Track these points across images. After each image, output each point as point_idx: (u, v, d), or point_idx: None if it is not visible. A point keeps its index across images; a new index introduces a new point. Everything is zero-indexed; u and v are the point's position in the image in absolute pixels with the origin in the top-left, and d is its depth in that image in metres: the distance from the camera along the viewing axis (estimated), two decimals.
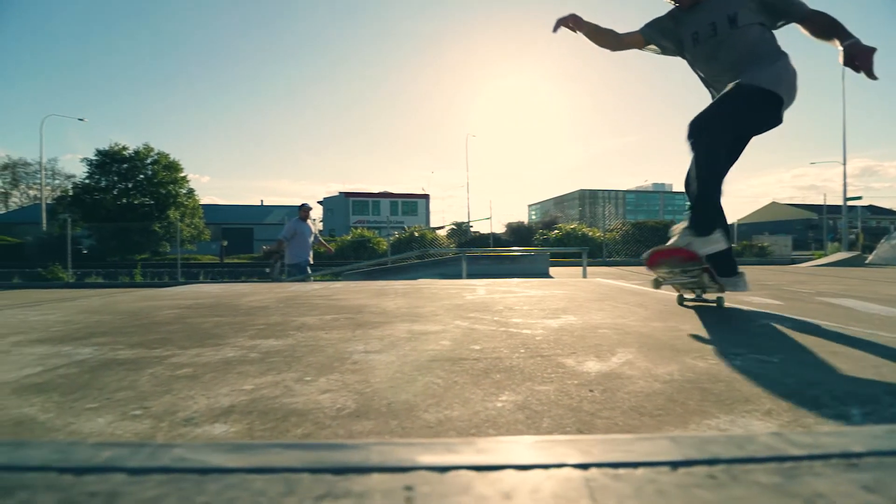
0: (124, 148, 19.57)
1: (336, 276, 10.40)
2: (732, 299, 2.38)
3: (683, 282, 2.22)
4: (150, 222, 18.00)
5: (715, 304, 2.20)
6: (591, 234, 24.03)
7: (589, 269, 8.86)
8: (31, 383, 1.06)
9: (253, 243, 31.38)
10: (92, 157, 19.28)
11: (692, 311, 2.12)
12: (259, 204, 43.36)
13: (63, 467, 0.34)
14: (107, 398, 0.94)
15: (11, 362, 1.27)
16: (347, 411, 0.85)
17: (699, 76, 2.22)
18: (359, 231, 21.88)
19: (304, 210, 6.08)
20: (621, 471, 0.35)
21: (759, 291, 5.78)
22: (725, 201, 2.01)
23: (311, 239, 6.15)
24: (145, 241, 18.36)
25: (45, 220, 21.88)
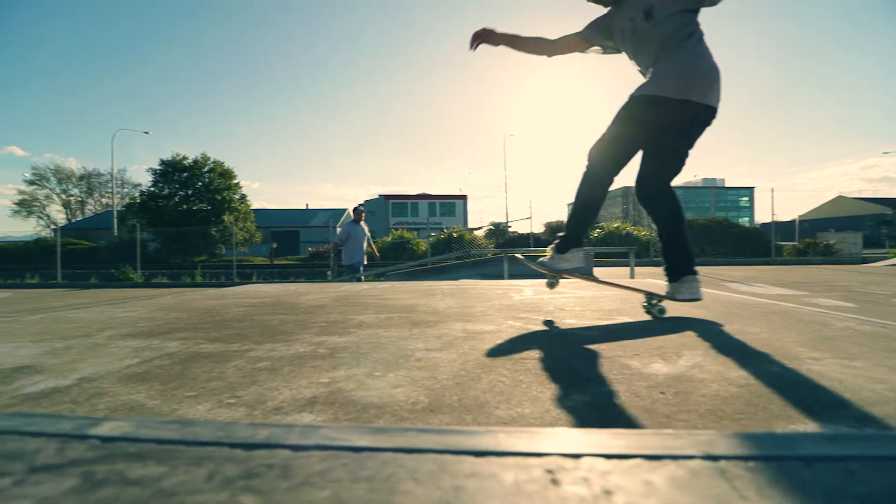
0: (184, 158, 21.13)
1: (379, 277, 10.64)
2: (800, 302, 2.23)
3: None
4: (208, 226, 19.32)
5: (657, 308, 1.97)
6: (635, 232, 23.14)
7: (636, 269, 8.54)
8: (133, 373, 1.18)
9: (299, 245, 32.73)
10: (156, 167, 20.95)
11: (758, 313, 2.01)
12: (304, 207, 45.13)
13: (232, 443, 0.39)
14: (201, 387, 1.04)
15: (111, 354, 1.42)
16: (421, 406, 0.89)
17: (639, 72, 2.07)
18: (398, 233, 22.27)
19: (357, 213, 6.29)
20: (751, 463, 0.35)
21: (827, 293, 5.36)
22: (784, 195, 1.88)
23: (365, 241, 6.35)
24: (203, 244, 19.71)
25: (115, 226, 23.97)
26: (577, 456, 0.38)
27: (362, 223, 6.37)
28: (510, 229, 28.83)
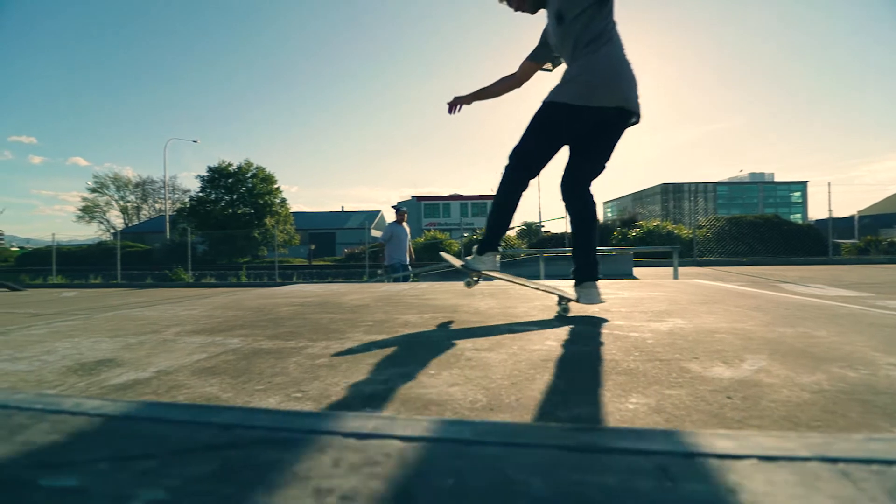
0: (229, 164, 22.28)
1: (413, 278, 10.75)
2: (866, 304, 2.08)
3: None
4: (251, 229, 20.26)
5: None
6: (676, 231, 22.19)
7: (679, 269, 8.19)
8: (203, 367, 1.26)
9: (335, 246, 33.61)
10: (204, 173, 22.19)
11: (822, 316, 1.89)
12: (340, 210, 46.29)
13: (345, 433, 0.42)
14: (268, 382, 1.10)
15: (180, 349, 1.52)
16: (480, 404, 0.90)
17: None
18: (431, 233, 22.44)
19: (399, 214, 6.42)
20: (874, 466, 0.34)
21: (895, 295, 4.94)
22: (841, 189, 1.77)
23: (408, 241, 6.46)
24: (247, 246, 20.68)
25: (168, 230, 25.56)
26: (687, 455, 0.38)
27: (404, 224, 6.48)
28: (543, 229, 28.38)
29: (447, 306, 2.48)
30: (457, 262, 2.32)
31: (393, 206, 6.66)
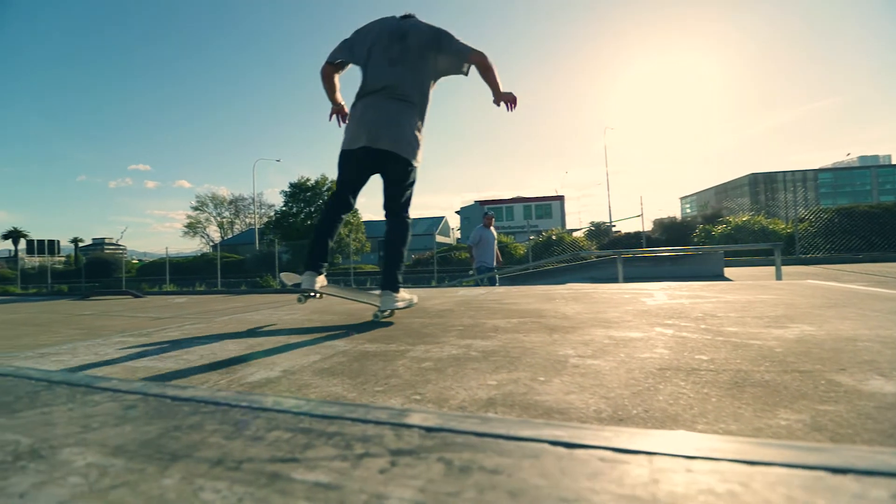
0: (308, 179, 24.14)
1: (481, 282, 10.75)
2: None
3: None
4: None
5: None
6: (771, 226, 19.85)
7: (783, 269, 7.32)
8: (322, 368, 1.36)
9: None
10: (286, 189, 24.20)
11: None
12: None
13: (554, 441, 0.43)
14: (384, 383, 1.15)
15: (296, 351, 1.65)
16: (606, 414, 0.87)
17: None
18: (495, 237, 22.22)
19: (487, 217, 6.52)
20: None
21: None
22: None
23: (496, 244, 6.52)
24: None
25: (257, 241, 28.16)
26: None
27: (492, 228, 6.54)
28: (614, 229, 26.89)
29: (531, 311, 2.45)
30: (289, 281, 2.52)
31: (484, 214, 6.74)
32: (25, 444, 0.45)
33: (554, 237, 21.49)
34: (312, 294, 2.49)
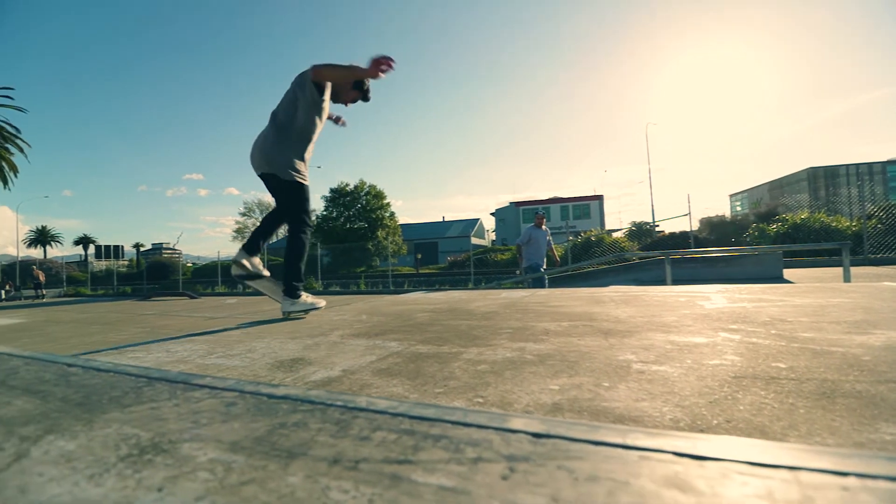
0: (346, 185, 24.90)
1: (518, 284, 10.63)
2: None
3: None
4: (366, 242, 22.25)
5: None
6: (834, 224, 18.32)
7: (852, 270, 6.75)
8: (379, 368, 1.39)
9: (438, 255, 34.88)
10: (326, 194, 25.07)
11: None
12: (441, 220, 47.98)
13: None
14: (444, 385, 1.16)
15: (351, 351, 1.69)
16: (684, 423, 0.83)
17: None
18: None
19: (538, 217, 6.45)
20: None
21: None
22: None
23: (546, 244, 6.42)
24: (362, 257, 22.71)
25: None
26: None
27: (543, 226, 6.45)
28: (657, 229, 25.75)
29: (580, 314, 2.39)
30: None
31: (535, 213, 6.69)
32: (146, 438, 0.48)
33: (593, 238, 20.86)
34: (246, 282, 2.91)
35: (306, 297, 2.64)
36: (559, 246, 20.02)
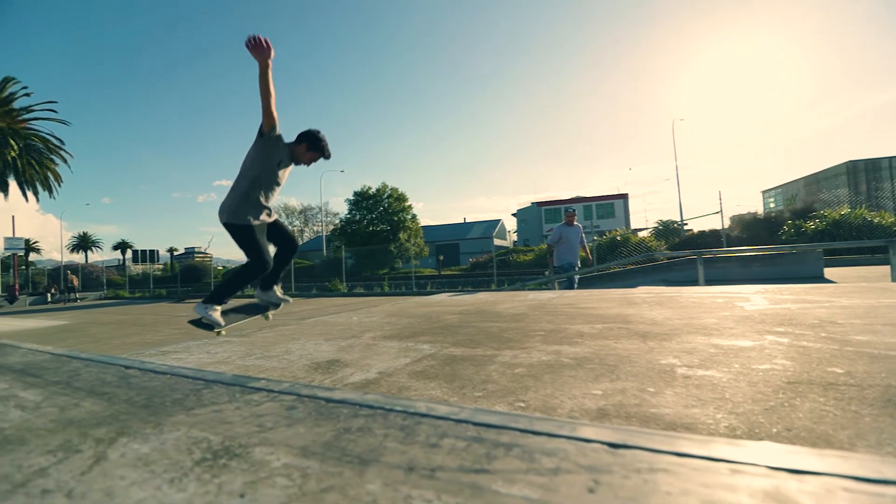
0: (369, 188, 25.25)
1: (542, 286, 10.49)
2: None
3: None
4: (388, 244, 22.49)
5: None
6: (878, 220, 17.31)
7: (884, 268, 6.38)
8: (415, 371, 1.39)
9: (459, 256, 34.85)
10: (350, 197, 25.48)
11: None
12: (462, 221, 47.91)
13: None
14: (482, 388, 1.15)
15: (385, 353, 1.70)
16: (741, 431, 0.80)
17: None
18: None
19: (568, 215, 6.26)
20: None
21: None
22: None
23: (579, 242, 6.23)
24: (385, 259, 22.94)
25: (324, 248, 29.89)
26: None
27: (575, 223, 6.28)
28: (686, 227, 24.97)
29: (613, 316, 2.34)
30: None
31: (565, 211, 6.52)
32: (216, 442, 0.50)
33: (619, 238, 20.37)
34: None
35: (215, 314, 2.51)
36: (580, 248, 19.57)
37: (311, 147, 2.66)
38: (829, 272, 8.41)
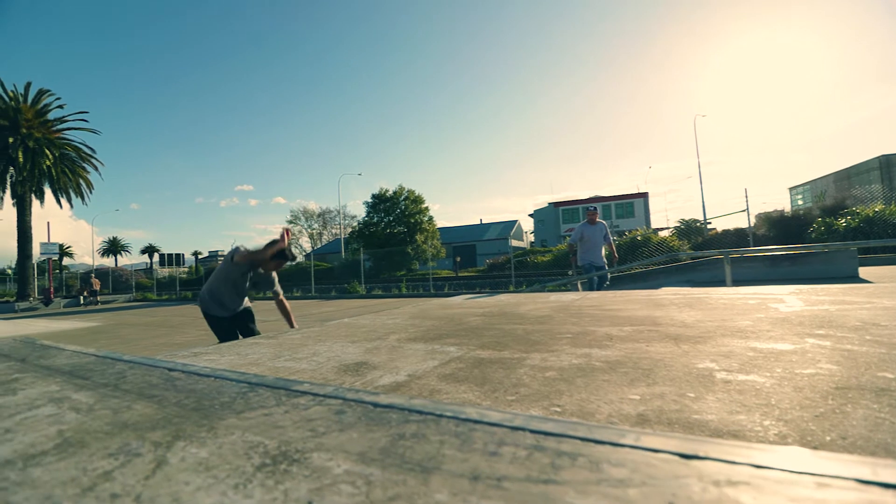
0: (387, 191, 25.48)
1: (562, 287, 10.38)
2: None
3: None
4: (406, 246, 22.62)
5: None
6: None
7: None
8: (444, 373, 1.39)
9: (475, 257, 34.80)
10: (368, 200, 25.77)
11: None
12: (479, 223, 47.83)
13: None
14: (515, 392, 1.14)
15: (412, 355, 1.71)
16: (792, 439, 0.77)
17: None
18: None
19: (590, 213, 6.00)
20: None
21: None
22: None
23: (603, 240, 5.92)
24: (402, 261, 23.10)
25: (343, 250, 30.30)
26: None
27: (599, 220, 6.01)
28: (709, 226, 24.33)
29: (642, 318, 2.29)
30: None
31: (586, 209, 6.27)
32: (272, 447, 0.50)
33: (639, 237, 19.99)
34: None
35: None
36: (604, 246, 19.28)
37: (277, 256, 3.16)
38: (863, 271, 8.07)
